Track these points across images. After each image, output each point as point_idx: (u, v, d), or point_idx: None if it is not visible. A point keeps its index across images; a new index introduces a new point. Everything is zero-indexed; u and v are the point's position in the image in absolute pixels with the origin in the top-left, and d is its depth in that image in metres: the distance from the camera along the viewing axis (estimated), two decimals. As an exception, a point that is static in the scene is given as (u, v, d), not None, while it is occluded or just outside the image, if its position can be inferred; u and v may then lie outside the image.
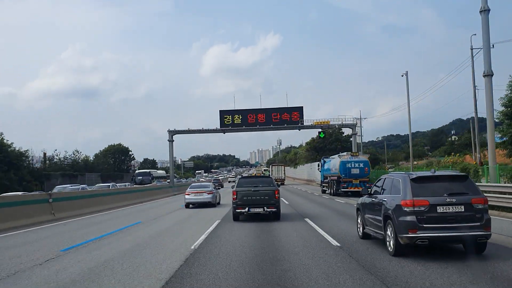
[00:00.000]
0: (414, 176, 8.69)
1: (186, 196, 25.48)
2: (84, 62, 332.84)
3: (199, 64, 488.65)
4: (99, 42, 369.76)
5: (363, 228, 10.94)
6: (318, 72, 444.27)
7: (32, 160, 61.38)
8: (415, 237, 8.14)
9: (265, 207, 15.87)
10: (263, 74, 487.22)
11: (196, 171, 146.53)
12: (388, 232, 8.92)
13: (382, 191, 9.80)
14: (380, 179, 10.47)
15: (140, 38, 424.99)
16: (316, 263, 8.26)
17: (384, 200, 9.25)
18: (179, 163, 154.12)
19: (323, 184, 39.17)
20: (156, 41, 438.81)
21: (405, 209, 8.27)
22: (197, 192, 25.53)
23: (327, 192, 36.68)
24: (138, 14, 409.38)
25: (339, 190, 32.80)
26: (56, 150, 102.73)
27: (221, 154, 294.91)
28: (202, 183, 32.21)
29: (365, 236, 10.91)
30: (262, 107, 55.93)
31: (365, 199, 11.00)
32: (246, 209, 15.93)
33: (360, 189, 31.71)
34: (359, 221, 11.42)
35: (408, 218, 8.22)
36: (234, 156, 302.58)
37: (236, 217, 16.42)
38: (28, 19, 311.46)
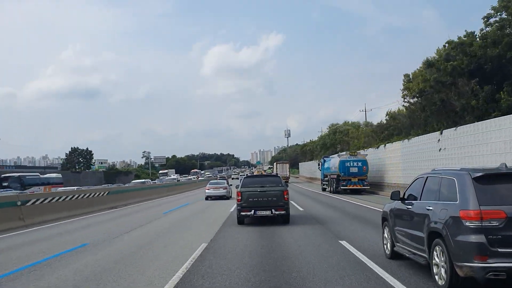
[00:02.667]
0: (479, 174, 5.35)
1: (206, 191, 28.88)
2: (85, 62, 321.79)
3: (201, 64, 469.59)
4: (100, 43, 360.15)
5: (393, 245, 7.41)
6: (320, 73, 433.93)
7: None
8: (485, 267, 4.86)
9: (273, 210, 13.18)
10: (265, 75, 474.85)
11: (160, 172, 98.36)
12: (437, 257, 5.62)
13: (423, 195, 6.41)
14: (418, 178, 6.96)
15: (141, 38, 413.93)
16: None
17: (429, 209, 5.91)
18: (151, 159, 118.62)
19: (323, 182, 37.84)
20: (157, 42, 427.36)
21: (467, 224, 5.05)
22: (215, 188, 28.87)
23: (327, 190, 35.30)
24: (139, 15, 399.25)
25: (339, 188, 31.26)
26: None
27: (219, 153, 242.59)
28: (219, 181, 34.53)
29: (395, 255, 7.40)
30: None
31: (395, 205, 7.39)
32: (252, 212, 13.30)
33: (359, 187, 30.45)
34: (386, 235, 7.86)
35: (473, 238, 4.98)
36: (233, 155, 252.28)
37: (241, 221, 13.75)
38: (29, 19, 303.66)
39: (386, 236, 7.85)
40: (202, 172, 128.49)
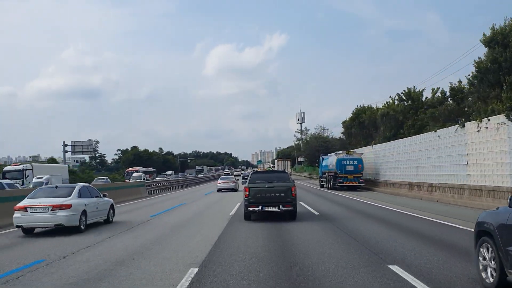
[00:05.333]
0: None
1: (218, 185, 34.32)
2: (86, 62, 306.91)
3: (203, 65, 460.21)
4: (101, 43, 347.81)
5: (502, 273, 5.17)
6: (322, 74, 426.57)
7: None
8: None
9: (280, 206, 12.90)
10: (268, 75, 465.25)
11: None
12: None
13: None
14: None
15: (144, 39, 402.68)
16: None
17: None
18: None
19: (322, 179, 38.97)
20: (159, 42, 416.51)
21: None
22: (225, 182, 34.54)
23: (325, 186, 36.43)
24: (141, 14, 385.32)
25: (336, 185, 32.54)
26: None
27: (215, 152, 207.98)
28: (228, 176, 40.16)
29: (505, 286, 5.23)
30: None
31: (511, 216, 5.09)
32: (260, 208, 12.94)
33: (355, 184, 31.82)
34: (486, 257, 5.51)
35: None
36: (231, 154, 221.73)
37: (248, 216, 13.47)
38: (31, 19, 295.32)
39: (487, 258, 5.54)
40: (170, 173, 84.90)
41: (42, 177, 33.88)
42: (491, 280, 5.35)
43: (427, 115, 30.58)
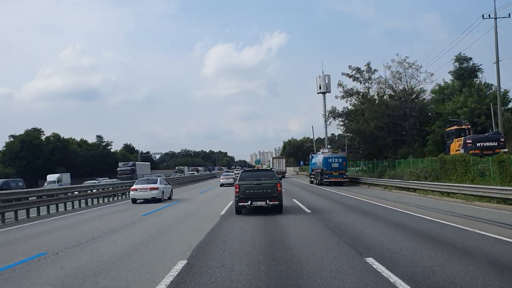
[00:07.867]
0: None
1: (221, 180, 39.73)
2: (85, 63, 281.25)
3: (202, 65, 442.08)
4: (100, 43, 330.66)
5: None
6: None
7: None
8: None
9: (267, 200, 13.94)
10: (268, 75, 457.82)
11: None
12: None
13: None
14: None
15: (144, 39, 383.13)
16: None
17: None
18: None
19: (311, 175, 41.29)
20: (160, 42, 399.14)
21: None
22: (226, 178, 39.93)
23: (314, 182, 38.61)
24: (141, 15, 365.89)
25: (323, 181, 34.81)
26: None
27: (207, 151, 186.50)
28: (229, 173, 45.36)
29: None
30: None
31: None
32: (249, 203, 13.98)
33: (339, 180, 34.01)
34: None
35: None
36: (225, 153, 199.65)
37: (239, 211, 14.50)
38: (30, 19, 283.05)
39: None
40: (57, 176, 49.00)
41: None
42: None
43: None
